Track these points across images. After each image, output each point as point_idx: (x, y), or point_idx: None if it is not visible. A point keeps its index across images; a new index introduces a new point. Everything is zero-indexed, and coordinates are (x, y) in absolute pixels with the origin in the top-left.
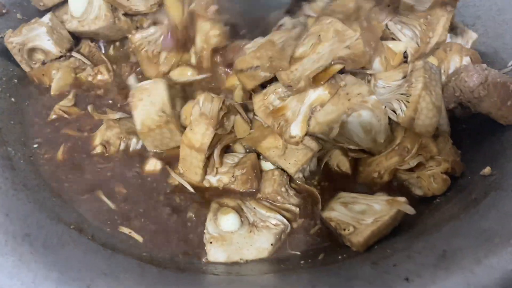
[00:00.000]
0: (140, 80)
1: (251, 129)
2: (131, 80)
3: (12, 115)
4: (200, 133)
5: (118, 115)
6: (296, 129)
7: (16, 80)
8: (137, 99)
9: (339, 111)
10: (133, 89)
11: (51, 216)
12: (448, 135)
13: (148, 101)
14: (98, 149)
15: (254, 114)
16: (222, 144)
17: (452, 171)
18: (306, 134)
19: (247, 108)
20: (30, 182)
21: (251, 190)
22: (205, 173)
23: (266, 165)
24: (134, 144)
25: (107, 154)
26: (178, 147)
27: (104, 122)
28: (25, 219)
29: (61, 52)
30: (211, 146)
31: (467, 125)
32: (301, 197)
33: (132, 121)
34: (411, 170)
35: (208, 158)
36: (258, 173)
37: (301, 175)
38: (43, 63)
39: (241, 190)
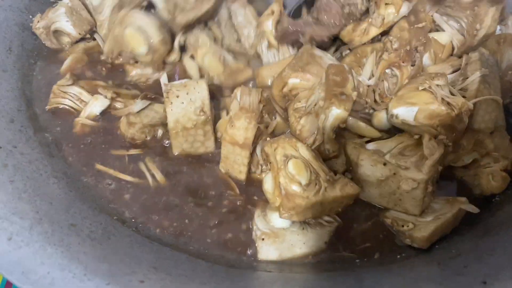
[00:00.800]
0: None
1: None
2: (164, 78)
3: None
4: (242, 128)
5: (137, 106)
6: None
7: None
8: (172, 95)
9: None
10: (168, 85)
11: (93, 206)
12: (504, 130)
13: (187, 98)
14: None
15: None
16: (263, 139)
17: (511, 168)
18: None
19: None
20: (70, 170)
21: None
22: (249, 171)
23: None
24: (161, 136)
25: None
26: (203, 154)
27: (123, 118)
28: (68, 208)
29: (80, 34)
30: (254, 142)
31: None
32: None
33: (154, 108)
34: (465, 167)
35: (251, 154)
36: None
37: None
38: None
39: None
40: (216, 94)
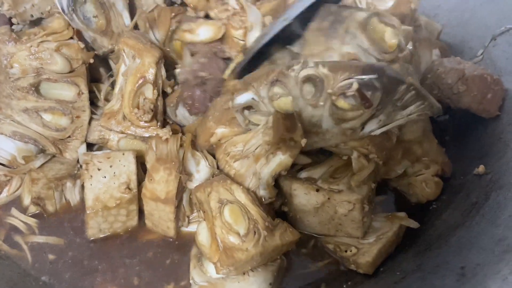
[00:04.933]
0: None
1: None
2: (82, 148)
3: None
4: (162, 181)
5: (38, 162)
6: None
7: None
8: (93, 168)
9: None
10: (88, 155)
11: (2, 285)
12: (430, 133)
13: (110, 172)
14: (33, 209)
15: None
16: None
17: (442, 173)
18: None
19: None
20: None
21: None
22: (177, 224)
23: None
24: (71, 189)
25: (46, 215)
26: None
27: (26, 174)
28: None
29: None
30: (179, 192)
31: (446, 121)
32: None
33: (59, 160)
34: (398, 177)
35: (178, 206)
36: None
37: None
38: None
39: None
40: None
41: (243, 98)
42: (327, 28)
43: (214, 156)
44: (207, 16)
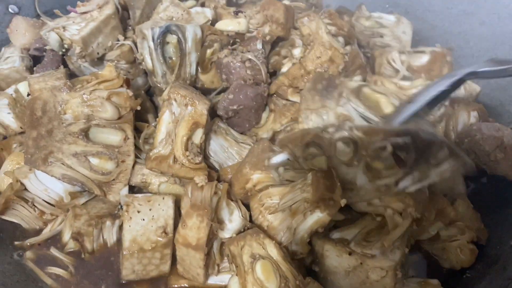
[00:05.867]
0: None
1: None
2: (125, 190)
3: None
4: (194, 228)
5: (83, 199)
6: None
7: None
8: (133, 210)
9: None
10: (130, 197)
11: None
12: (465, 197)
13: (149, 215)
14: (71, 245)
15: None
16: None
17: (477, 239)
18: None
19: None
20: (10, 279)
21: None
22: (207, 272)
23: None
24: (109, 228)
25: (83, 254)
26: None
27: (70, 210)
28: None
29: (21, 128)
30: (208, 241)
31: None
32: None
33: (102, 199)
34: (431, 240)
35: (208, 254)
36: None
37: None
38: (4, 138)
39: None
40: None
41: (279, 158)
42: (322, 90)
43: (247, 208)
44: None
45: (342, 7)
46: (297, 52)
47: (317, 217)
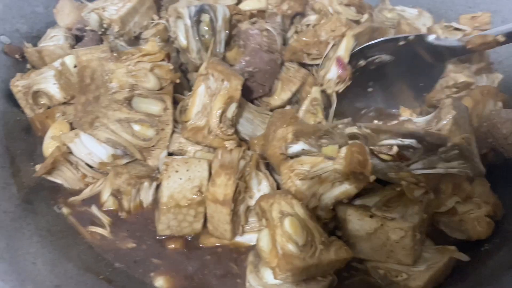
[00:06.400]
0: None
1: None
2: (164, 153)
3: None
4: (222, 185)
5: (124, 160)
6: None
7: None
8: (172, 169)
9: None
10: (169, 158)
11: (78, 265)
12: (484, 177)
13: (186, 175)
14: (109, 204)
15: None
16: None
17: (493, 213)
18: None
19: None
20: (54, 228)
21: None
22: (234, 229)
23: None
24: (146, 189)
25: (120, 215)
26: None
27: (111, 169)
28: (52, 268)
29: (65, 98)
30: (236, 198)
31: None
32: None
33: (142, 162)
34: (448, 213)
35: (235, 213)
36: None
37: None
38: (48, 108)
39: None
40: None
41: (295, 148)
42: None
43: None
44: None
45: None
46: (312, 18)
47: (344, 188)
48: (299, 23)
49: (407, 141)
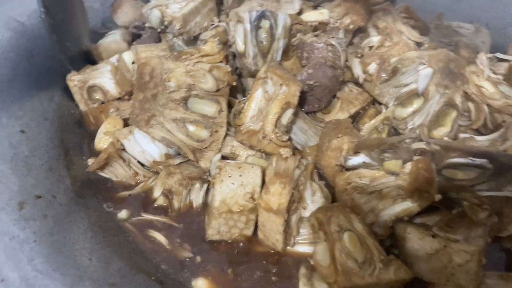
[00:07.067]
0: None
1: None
2: (217, 156)
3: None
4: (277, 193)
5: (177, 160)
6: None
7: None
8: (225, 174)
9: None
10: (222, 162)
11: (130, 264)
12: None
13: (239, 180)
14: (160, 201)
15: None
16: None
17: None
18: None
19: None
20: (105, 224)
21: None
22: (285, 240)
23: None
24: (197, 190)
25: (170, 211)
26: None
27: (163, 169)
28: (107, 266)
29: (120, 94)
30: (289, 208)
31: None
32: None
33: (194, 164)
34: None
35: (287, 223)
36: None
37: None
38: (102, 103)
39: None
40: None
41: (356, 160)
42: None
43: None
44: None
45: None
46: (375, 39)
47: (406, 206)
48: (360, 42)
49: (478, 161)
